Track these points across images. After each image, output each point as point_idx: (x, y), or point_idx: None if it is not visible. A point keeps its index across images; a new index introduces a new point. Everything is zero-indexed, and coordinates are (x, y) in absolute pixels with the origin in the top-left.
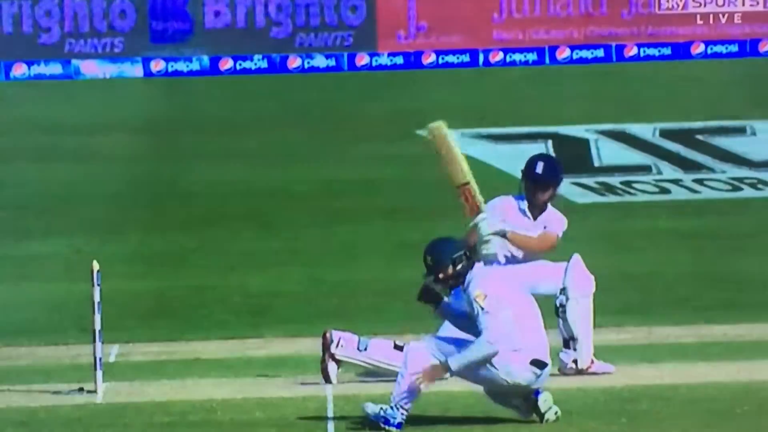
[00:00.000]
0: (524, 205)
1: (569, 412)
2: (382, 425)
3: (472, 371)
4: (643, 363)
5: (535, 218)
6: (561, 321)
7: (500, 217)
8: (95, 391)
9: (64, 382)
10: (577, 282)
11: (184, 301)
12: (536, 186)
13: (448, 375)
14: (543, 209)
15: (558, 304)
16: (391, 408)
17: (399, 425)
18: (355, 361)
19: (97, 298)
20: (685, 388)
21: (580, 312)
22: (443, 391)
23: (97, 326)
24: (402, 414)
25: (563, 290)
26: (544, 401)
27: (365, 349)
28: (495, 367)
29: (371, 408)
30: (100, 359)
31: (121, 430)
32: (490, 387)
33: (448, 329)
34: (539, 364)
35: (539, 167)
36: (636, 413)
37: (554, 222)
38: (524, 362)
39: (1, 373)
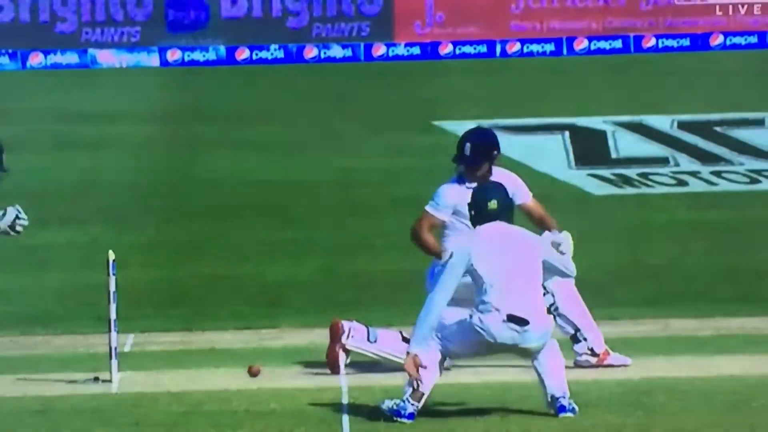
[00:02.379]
0: (469, 184)
1: (585, 405)
2: (395, 417)
3: (461, 344)
4: (659, 356)
5: None
6: (558, 319)
7: (452, 205)
8: (110, 381)
9: (79, 371)
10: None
11: (200, 291)
12: (469, 168)
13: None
14: (486, 178)
15: (548, 306)
16: (403, 401)
17: (411, 416)
18: (365, 351)
19: (112, 287)
20: (702, 381)
21: (569, 299)
22: (458, 383)
23: (113, 316)
24: (413, 405)
25: (544, 288)
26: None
27: (375, 341)
28: (482, 329)
29: (386, 403)
30: (116, 349)
31: (136, 420)
32: (483, 352)
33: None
34: (517, 321)
35: (467, 149)
36: (652, 406)
37: (519, 188)
38: (499, 320)
39: (17, 362)
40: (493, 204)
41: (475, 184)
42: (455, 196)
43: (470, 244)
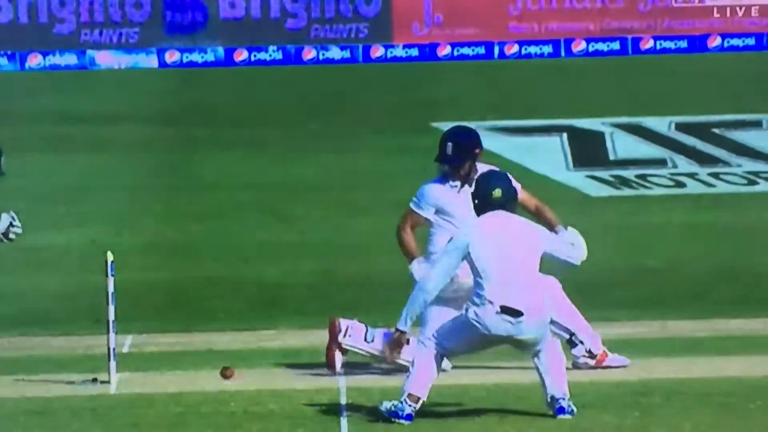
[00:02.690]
0: (453, 182)
1: (583, 406)
2: (393, 419)
3: (457, 340)
4: (657, 357)
5: (471, 185)
6: (552, 326)
7: (435, 203)
8: (109, 382)
9: (77, 372)
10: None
11: (198, 293)
12: (452, 167)
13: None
14: (472, 178)
15: None
16: (401, 402)
17: (408, 417)
18: (361, 351)
19: (111, 288)
20: (700, 382)
21: (559, 305)
22: (456, 384)
23: (111, 317)
24: (411, 407)
25: None
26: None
27: (372, 341)
28: (477, 322)
29: (385, 404)
30: (114, 350)
31: (134, 421)
32: (480, 345)
33: (435, 317)
34: (511, 312)
35: (449, 149)
36: (650, 407)
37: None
38: (493, 312)
39: (16, 363)
40: (497, 192)
41: (458, 183)
42: (438, 194)
43: (470, 233)
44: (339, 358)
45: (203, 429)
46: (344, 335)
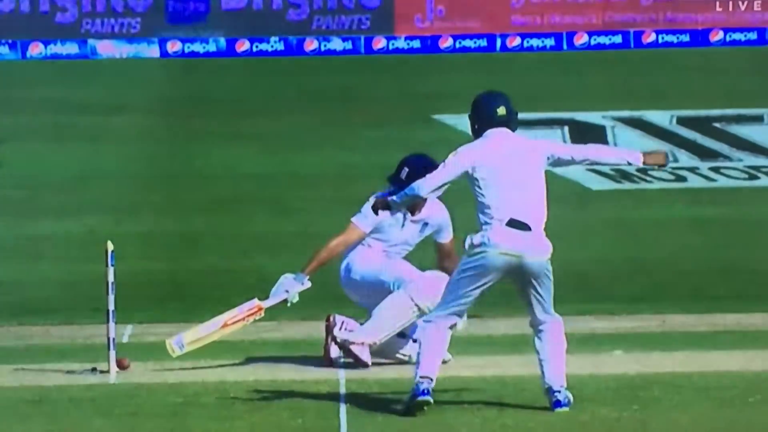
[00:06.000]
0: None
1: (581, 399)
2: (414, 400)
3: (466, 284)
4: (655, 351)
5: (413, 213)
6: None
7: (376, 220)
8: (108, 372)
9: (77, 361)
10: (422, 289)
11: (198, 283)
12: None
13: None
14: (420, 205)
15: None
16: (416, 384)
17: (426, 392)
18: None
19: (110, 278)
20: (698, 376)
21: (396, 303)
22: (456, 376)
23: (111, 307)
24: (424, 382)
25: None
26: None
27: None
28: (488, 245)
29: (405, 398)
30: (114, 340)
31: (133, 411)
32: (490, 278)
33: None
34: (519, 225)
35: (404, 173)
36: (648, 400)
37: (447, 226)
38: (502, 227)
39: (15, 352)
40: (501, 110)
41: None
42: (382, 214)
43: (476, 152)
44: (336, 354)
45: (203, 419)
46: (340, 329)
